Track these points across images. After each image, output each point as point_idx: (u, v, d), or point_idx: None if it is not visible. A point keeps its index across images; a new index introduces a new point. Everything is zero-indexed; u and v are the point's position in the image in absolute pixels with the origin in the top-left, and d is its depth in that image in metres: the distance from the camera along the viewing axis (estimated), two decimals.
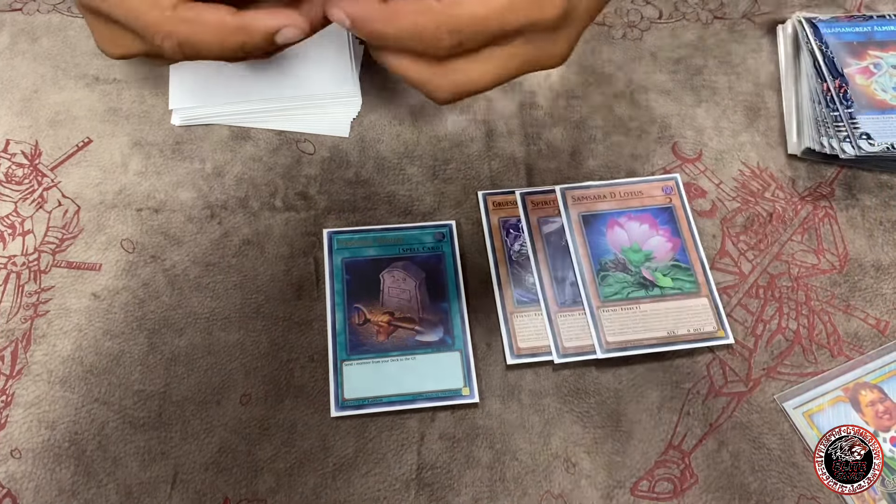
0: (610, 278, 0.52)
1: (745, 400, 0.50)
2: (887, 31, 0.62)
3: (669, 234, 0.54)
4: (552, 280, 0.52)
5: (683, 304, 0.51)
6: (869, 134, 0.56)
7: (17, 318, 0.50)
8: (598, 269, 0.52)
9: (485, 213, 0.55)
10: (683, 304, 0.51)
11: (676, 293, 0.52)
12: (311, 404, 0.48)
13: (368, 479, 0.46)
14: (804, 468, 0.47)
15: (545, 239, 0.54)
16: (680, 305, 0.51)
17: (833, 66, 0.59)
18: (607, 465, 0.47)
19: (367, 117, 0.59)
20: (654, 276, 0.52)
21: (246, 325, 0.50)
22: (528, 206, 0.55)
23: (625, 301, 0.51)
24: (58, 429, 0.47)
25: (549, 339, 0.50)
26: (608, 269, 0.52)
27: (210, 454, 0.46)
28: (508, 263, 0.53)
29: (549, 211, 0.55)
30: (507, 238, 0.54)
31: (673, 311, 0.51)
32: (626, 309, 0.51)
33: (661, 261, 0.53)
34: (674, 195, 0.56)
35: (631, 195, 0.55)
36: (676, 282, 0.52)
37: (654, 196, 0.55)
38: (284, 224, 0.54)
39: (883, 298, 0.53)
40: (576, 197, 0.55)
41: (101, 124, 0.57)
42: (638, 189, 0.56)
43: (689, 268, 0.53)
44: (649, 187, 0.56)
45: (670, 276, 0.52)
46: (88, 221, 0.53)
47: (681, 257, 0.53)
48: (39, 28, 0.61)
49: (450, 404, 0.48)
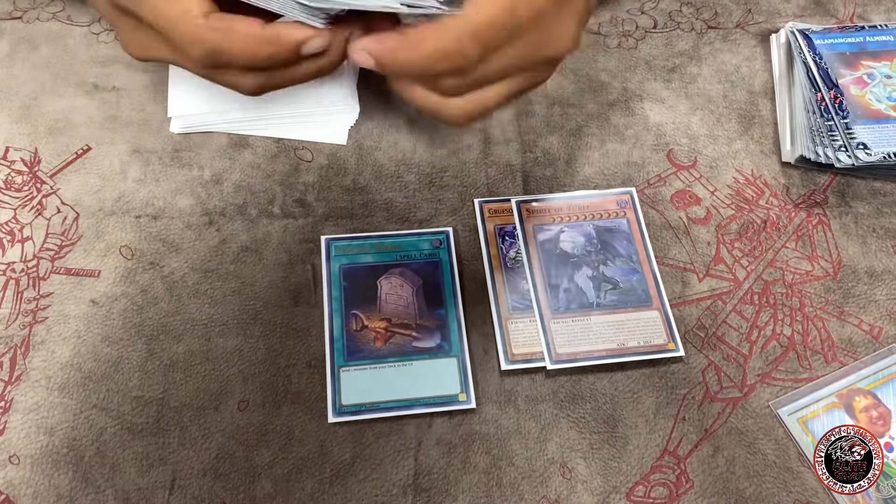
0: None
1: (740, 405, 0.50)
2: (880, 41, 0.63)
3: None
4: (546, 287, 0.52)
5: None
6: (865, 144, 0.56)
7: (15, 325, 0.50)
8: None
9: (481, 221, 0.55)
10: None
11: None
12: (308, 410, 0.48)
13: (366, 484, 0.46)
14: (799, 473, 0.48)
15: (540, 246, 0.54)
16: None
17: (828, 77, 0.60)
18: (603, 471, 0.47)
19: (364, 125, 0.59)
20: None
21: (244, 332, 0.50)
22: (523, 214, 0.55)
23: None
24: (56, 435, 0.47)
25: (543, 346, 0.50)
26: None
27: (208, 460, 0.46)
28: (504, 270, 0.53)
29: (544, 219, 0.55)
30: (503, 245, 0.54)
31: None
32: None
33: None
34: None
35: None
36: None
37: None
38: (282, 231, 0.54)
39: (876, 304, 0.54)
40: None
41: (101, 132, 0.57)
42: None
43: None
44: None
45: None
46: (87, 228, 0.53)
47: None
48: (39, 36, 0.61)
49: (447, 410, 0.48)
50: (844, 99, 0.59)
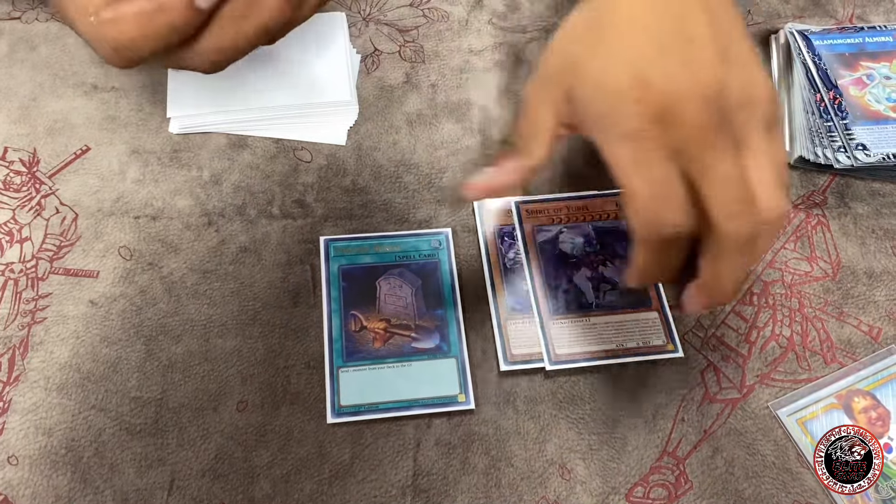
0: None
1: (739, 406, 0.50)
2: (879, 42, 0.63)
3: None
4: (545, 288, 0.52)
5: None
6: (865, 145, 0.56)
7: (14, 325, 0.50)
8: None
9: (480, 222, 0.55)
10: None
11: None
12: (307, 411, 0.48)
13: (364, 485, 0.46)
14: (798, 474, 0.48)
15: (539, 247, 0.54)
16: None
17: (827, 78, 0.60)
18: (602, 472, 0.47)
19: (363, 126, 0.59)
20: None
21: (243, 332, 0.50)
22: (522, 215, 0.55)
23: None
24: (55, 435, 0.47)
25: (542, 346, 0.50)
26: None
27: (207, 461, 0.46)
28: (503, 271, 0.53)
29: (543, 220, 0.55)
30: (502, 246, 0.54)
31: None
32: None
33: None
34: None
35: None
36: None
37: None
38: (281, 232, 0.54)
39: (875, 305, 0.54)
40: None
41: (99, 132, 0.57)
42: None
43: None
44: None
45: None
46: (86, 229, 0.53)
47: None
48: (38, 36, 0.61)
49: (446, 411, 0.48)
50: (843, 100, 0.59)
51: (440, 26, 0.65)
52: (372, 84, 0.61)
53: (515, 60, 0.63)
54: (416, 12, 0.65)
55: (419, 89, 0.61)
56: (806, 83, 0.60)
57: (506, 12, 0.66)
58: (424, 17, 0.65)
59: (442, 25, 0.65)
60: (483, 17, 0.65)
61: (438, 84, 0.62)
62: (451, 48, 0.64)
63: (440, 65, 0.63)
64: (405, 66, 0.63)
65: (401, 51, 0.63)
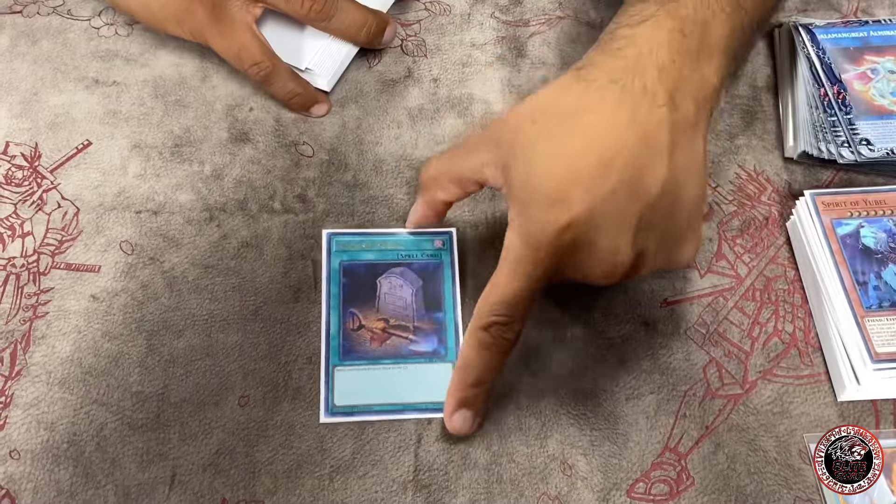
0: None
1: (742, 402, 0.50)
2: (884, 35, 0.62)
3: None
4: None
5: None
6: (869, 140, 0.56)
7: (16, 320, 0.50)
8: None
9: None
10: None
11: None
12: (308, 406, 0.48)
13: (366, 480, 0.46)
14: (800, 470, 0.48)
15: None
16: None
17: (831, 72, 0.59)
18: (604, 468, 0.47)
19: (365, 120, 0.59)
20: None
21: (244, 327, 0.50)
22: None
23: None
24: (56, 430, 0.47)
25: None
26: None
27: (208, 455, 0.47)
28: None
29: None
30: None
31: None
32: None
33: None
34: None
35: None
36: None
37: None
38: (283, 226, 0.54)
39: None
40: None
41: (101, 126, 0.57)
42: None
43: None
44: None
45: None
46: (88, 223, 0.53)
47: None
48: (39, 31, 0.61)
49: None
50: (847, 94, 0.58)
51: (442, 20, 0.65)
52: (373, 78, 0.61)
53: (518, 55, 0.63)
54: (419, 6, 0.65)
55: (421, 83, 0.61)
56: (810, 77, 0.60)
57: (508, 6, 0.66)
58: (426, 10, 0.65)
59: (444, 19, 0.65)
60: (485, 11, 0.65)
61: (440, 78, 0.61)
62: (453, 42, 0.63)
63: (442, 59, 0.62)
64: (407, 60, 0.62)
65: (403, 45, 0.63)
